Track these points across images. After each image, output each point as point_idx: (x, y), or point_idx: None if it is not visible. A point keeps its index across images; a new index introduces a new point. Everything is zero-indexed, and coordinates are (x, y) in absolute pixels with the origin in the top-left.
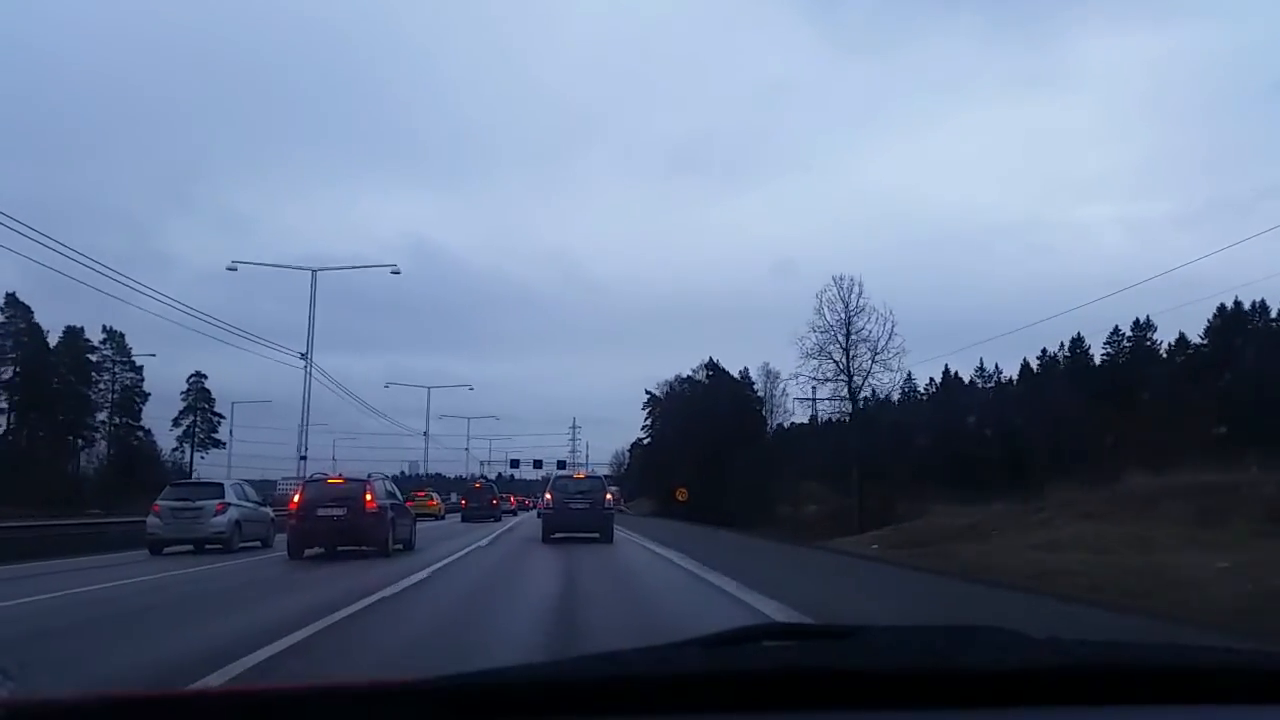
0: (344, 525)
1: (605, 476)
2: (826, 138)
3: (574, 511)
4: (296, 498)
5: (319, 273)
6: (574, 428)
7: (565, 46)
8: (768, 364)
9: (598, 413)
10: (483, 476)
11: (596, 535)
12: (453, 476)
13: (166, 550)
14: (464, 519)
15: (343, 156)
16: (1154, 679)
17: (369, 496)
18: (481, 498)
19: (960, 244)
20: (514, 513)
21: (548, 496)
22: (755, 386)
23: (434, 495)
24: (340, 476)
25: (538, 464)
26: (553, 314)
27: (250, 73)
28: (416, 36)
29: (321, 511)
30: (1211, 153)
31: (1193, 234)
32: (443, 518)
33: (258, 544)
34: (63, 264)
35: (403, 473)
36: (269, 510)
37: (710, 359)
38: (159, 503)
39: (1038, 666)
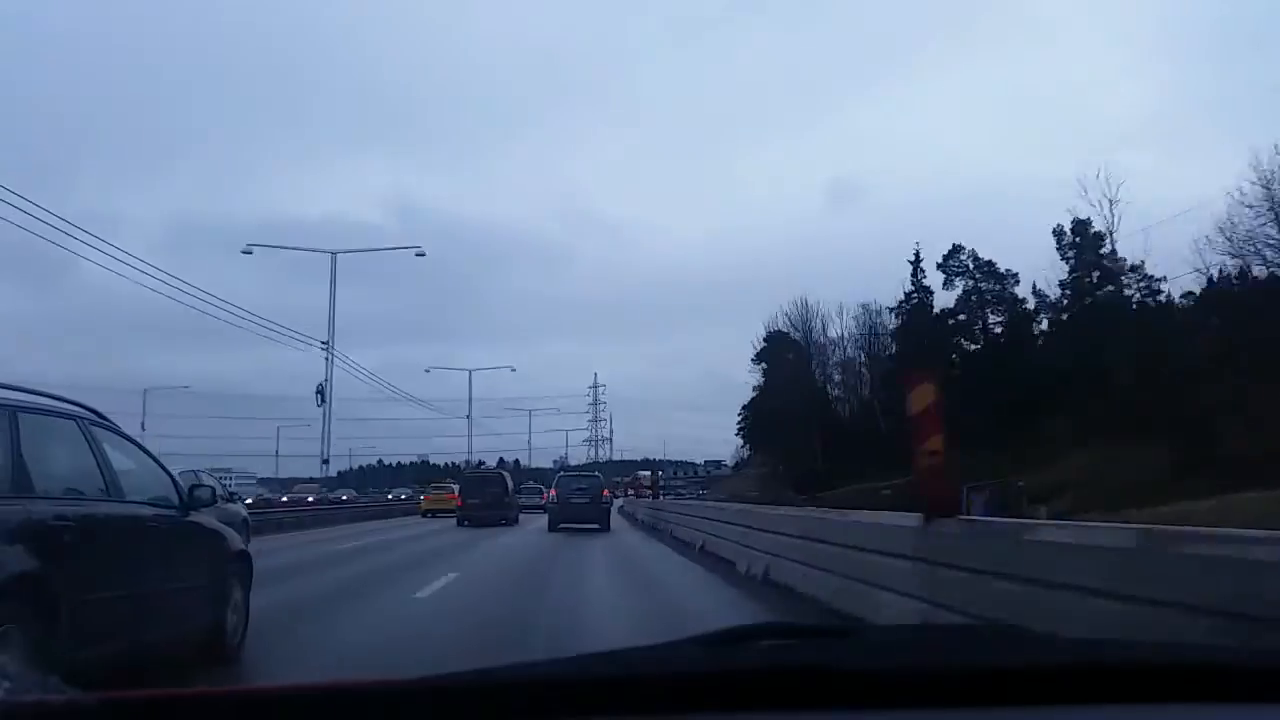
0: None
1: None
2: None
3: (576, 505)
4: None
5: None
6: (594, 387)
7: None
8: None
9: (627, 392)
10: (487, 463)
11: (596, 525)
12: (463, 465)
13: None
14: (459, 522)
15: (324, 122)
16: (1154, 678)
17: None
18: (486, 491)
19: None
20: (541, 509)
21: (552, 493)
22: None
23: (454, 488)
24: None
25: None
26: (577, 291)
27: (228, 39)
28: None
29: None
30: None
31: None
32: None
33: None
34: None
35: (447, 463)
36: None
37: None
38: None
39: (1037, 665)
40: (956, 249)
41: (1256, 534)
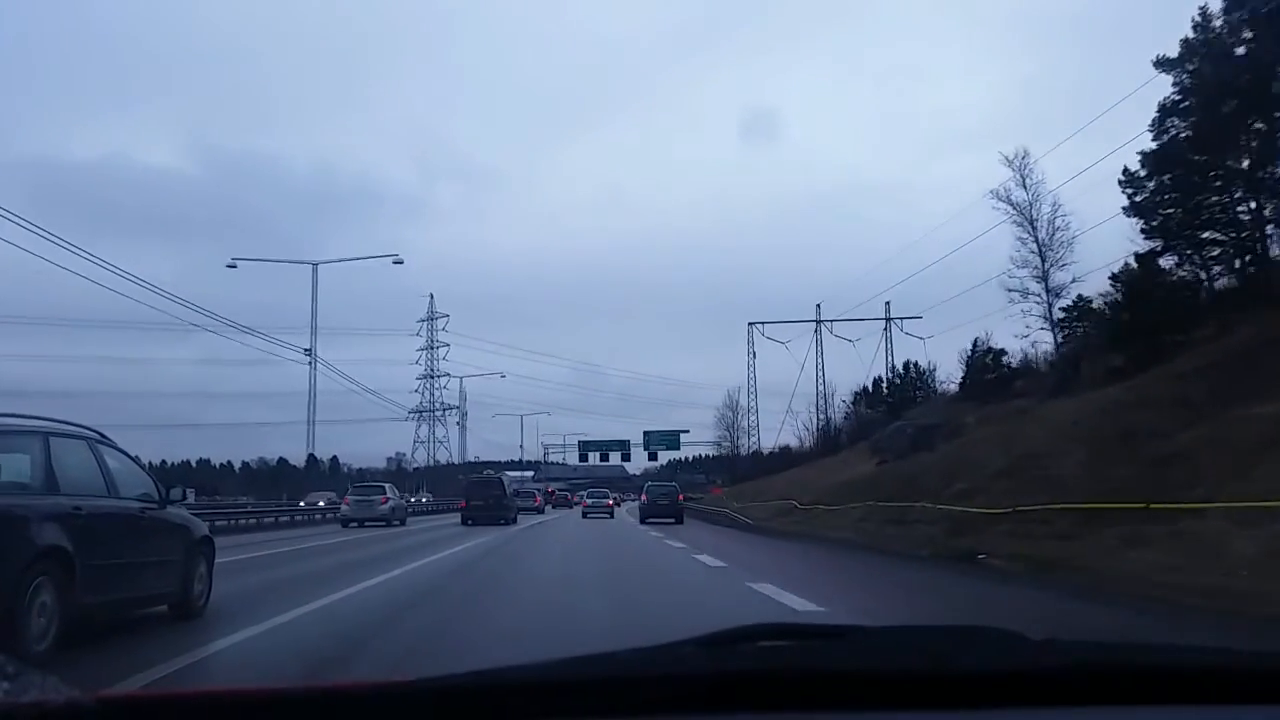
0: None
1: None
2: None
3: (660, 505)
4: None
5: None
6: (430, 315)
7: None
8: None
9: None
10: (488, 468)
11: (673, 520)
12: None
13: None
14: (464, 521)
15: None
16: (1153, 679)
17: None
18: (487, 494)
19: None
20: (540, 510)
21: (643, 498)
22: None
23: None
24: None
25: None
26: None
27: None
28: None
29: None
30: None
31: None
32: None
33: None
34: None
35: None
36: None
37: None
38: None
39: (1035, 667)
40: None
41: None
